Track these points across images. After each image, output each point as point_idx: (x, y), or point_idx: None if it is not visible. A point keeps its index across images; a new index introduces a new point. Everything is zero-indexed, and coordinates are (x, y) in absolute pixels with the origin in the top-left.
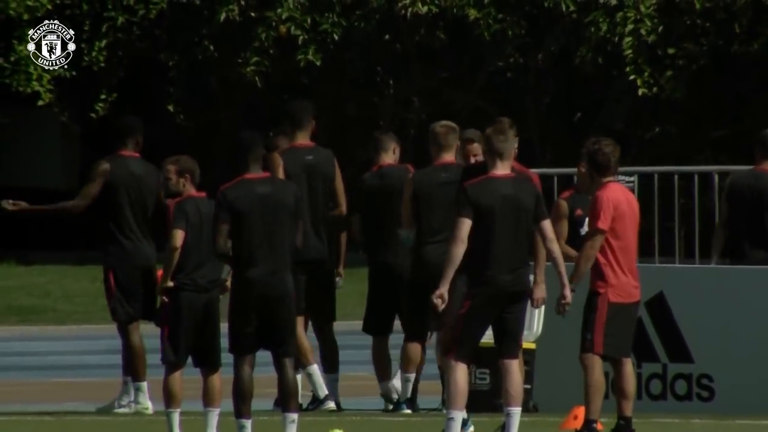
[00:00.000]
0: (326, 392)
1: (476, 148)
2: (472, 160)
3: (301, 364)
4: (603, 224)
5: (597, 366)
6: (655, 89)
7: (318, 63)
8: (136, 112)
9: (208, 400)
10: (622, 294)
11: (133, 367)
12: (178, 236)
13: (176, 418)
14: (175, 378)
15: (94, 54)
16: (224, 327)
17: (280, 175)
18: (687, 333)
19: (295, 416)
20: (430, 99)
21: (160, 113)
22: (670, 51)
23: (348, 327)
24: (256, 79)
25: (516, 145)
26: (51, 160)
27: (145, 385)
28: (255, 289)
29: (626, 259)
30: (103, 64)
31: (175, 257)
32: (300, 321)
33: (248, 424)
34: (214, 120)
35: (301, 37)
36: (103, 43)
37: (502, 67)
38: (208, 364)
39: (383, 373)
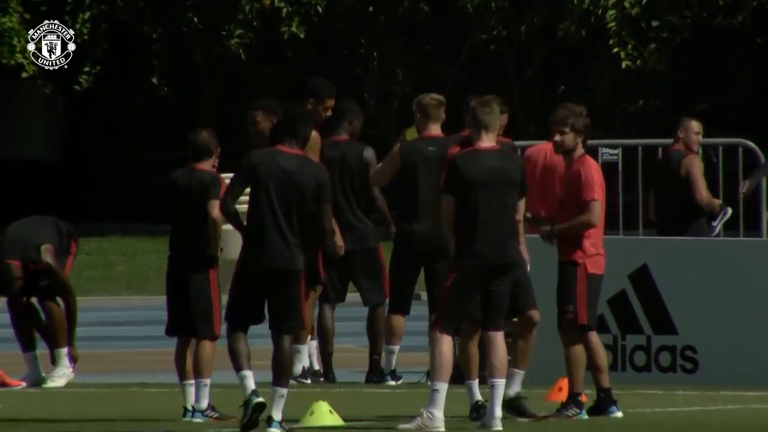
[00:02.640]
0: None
1: (504, 118)
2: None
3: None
4: (599, 194)
5: (578, 339)
6: (638, 62)
7: (302, 35)
8: (119, 85)
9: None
10: (597, 266)
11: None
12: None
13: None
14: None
15: (77, 26)
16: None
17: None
18: (671, 305)
19: (284, 391)
20: (414, 71)
21: (143, 86)
22: (654, 23)
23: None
24: (240, 51)
25: (506, 122)
26: (35, 132)
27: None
28: (262, 263)
29: (600, 232)
30: (87, 37)
31: None
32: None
33: (249, 374)
34: (197, 92)
35: (284, 10)
36: (87, 15)
37: (486, 40)
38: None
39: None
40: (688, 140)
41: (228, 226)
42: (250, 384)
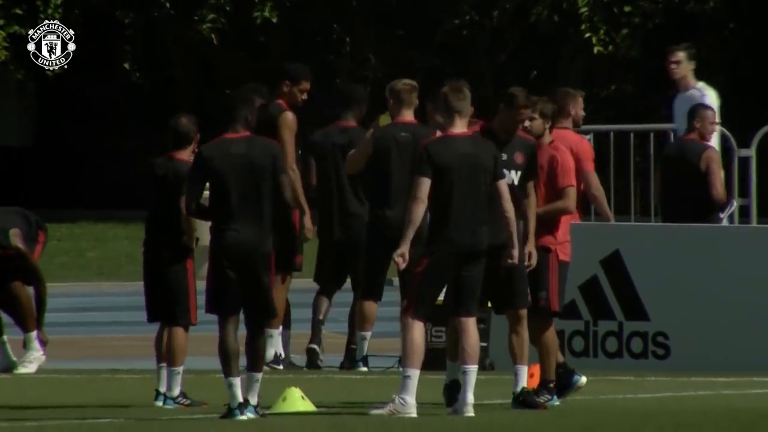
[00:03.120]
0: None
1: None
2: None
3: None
4: (575, 180)
5: (552, 326)
6: (610, 47)
7: (274, 20)
8: (92, 71)
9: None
10: (566, 253)
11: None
12: None
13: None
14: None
15: (50, 11)
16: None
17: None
18: (642, 291)
19: (259, 376)
20: (386, 57)
21: (116, 71)
22: (626, 9)
23: (309, 285)
24: (212, 36)
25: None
26: (7, 117)
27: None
28: (231, 248)
29: (571, 219)
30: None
31: None
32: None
33: (236, 381)
34: (170, 77)
35: None
36: (59, 0)
37: (458, 25)
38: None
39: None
40: (704, 130)
41: None
42: (239, 395)
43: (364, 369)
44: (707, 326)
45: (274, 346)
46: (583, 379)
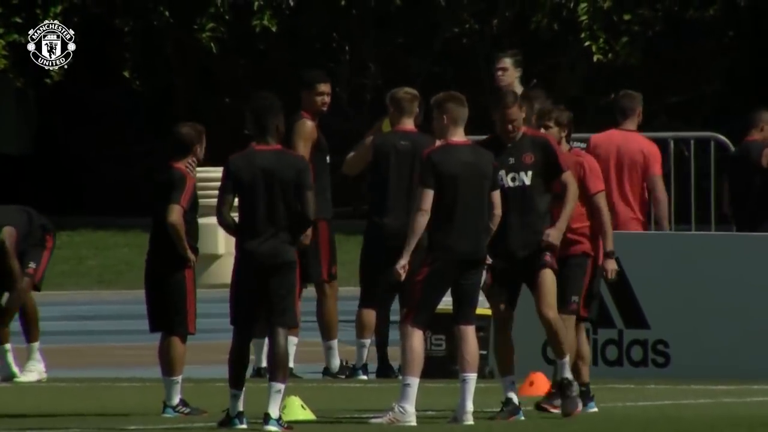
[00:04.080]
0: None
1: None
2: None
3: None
4: (603, 184)
5: (583, 330)
6: (610, 55)
7: (273, 28)
8: (91, 78)
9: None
10: (599, 257)
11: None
12: None
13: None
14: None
15: (49, 19)
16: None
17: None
18: (643, 299)
19: (281, 386)
20: (386, 65)
21: (115, 79)
22: (626, 17)
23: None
24: (212, 44)
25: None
26: (6, 125)
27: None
28: (256, 260)
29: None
30: (58, 22)
31: None
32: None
33: (239, 393)
34: (169, 85)
35: (256, 3)
36: (59, 8)
37: (458, 33)
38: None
39: None
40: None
41: (205, 221)
42: (239, 406)
43: (364, 377)
44: (707, 334)
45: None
46: (595, 409)
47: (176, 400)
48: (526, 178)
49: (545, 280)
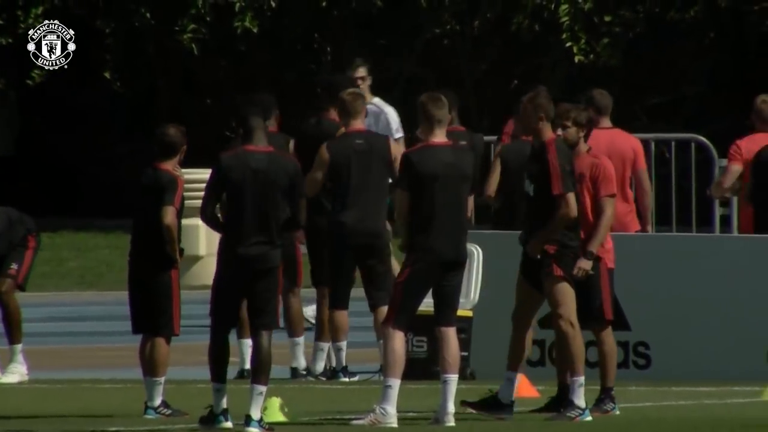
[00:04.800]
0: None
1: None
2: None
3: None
4: (615, 188)
5: (610, 333)
6: (591, 56)
7: (255, 30)
8: (72, 79)
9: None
10: (611, 259)
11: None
12: None
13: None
14: None
15: (30, 21)
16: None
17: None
18: (623, 301)
19: (263, 389)
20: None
21: (97, 80)
22: (607, 18)
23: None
24: (193, 46)
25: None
26: None
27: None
28: (241, 261)
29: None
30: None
31: None
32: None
33: (222, 387)
34: (151, 87)
35: (237, 4)
36: (40, 9)
37: (439, 34)
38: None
39: None
40: None
41: (186, 222)
42: (223, 402)
43: (345, 379)
44: (688, 336)
45: (323, 359)
46: (589, 418)
47: (158, 401)
48: (530, 189)
49: (547, 290)
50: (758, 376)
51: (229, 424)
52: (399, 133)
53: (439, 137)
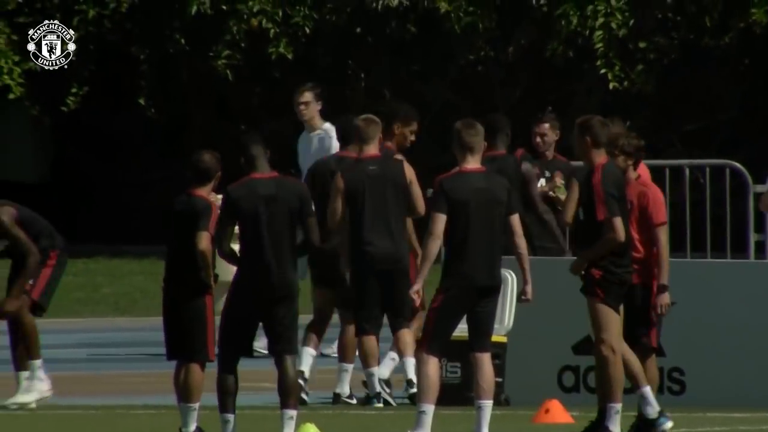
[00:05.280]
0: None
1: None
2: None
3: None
4: (666, 217)
5: (654, 361)
6: (626, 83)
7: (289, 56)
8: (106, 106)
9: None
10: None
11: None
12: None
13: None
14: None
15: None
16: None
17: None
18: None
19: (293, 413)
20: (400, 92)
21: (131, 106)
22: (641, 45)
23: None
24: (228, 72)
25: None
26: (22, 153)
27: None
28: (259, 289)
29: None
30: (74, 58)
31: None
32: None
33: (231, 418)
34: (185, 113)
35: (272, 30)
36: (75, 36)
37: (473, 61)
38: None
39: None
40: None
41: None
42: None
43: (380, 405)
44: (723, 362)
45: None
46: (670, 423)
47: (192, 427)
48: (580, 213)
49: (591, 314)
50: None
51: None
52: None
53: (472, 164)
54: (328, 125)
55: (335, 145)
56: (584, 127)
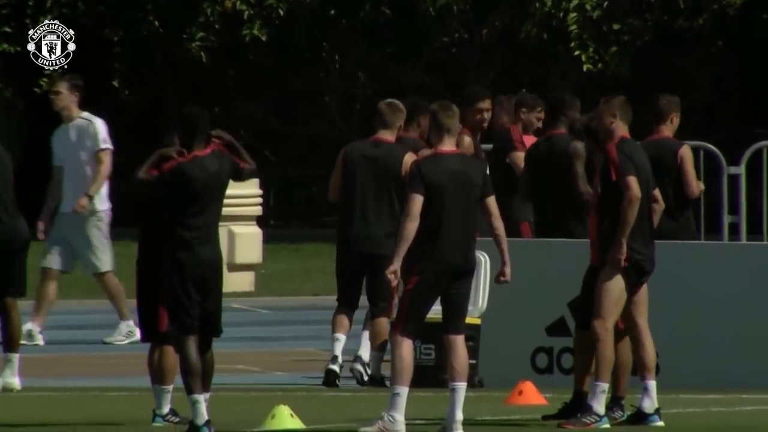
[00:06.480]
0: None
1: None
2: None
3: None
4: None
5: (627, 343)
6: (599, 65)
7: (263, 38)
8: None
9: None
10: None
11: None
12: None
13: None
14: None
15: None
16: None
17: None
18: None
19: (206, 396)
20: (375, 75)
21: (105, 88)
22: (615, 27)
23: (297, 302)
24: (202, 54)
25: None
26: None
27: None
28: (200, 265)
29: None
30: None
31: None
32: None
33: (202, 398)
34: (159, 95)
35: (246, 12)
36: (48, 18)
37: (447, 43)
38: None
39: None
40: None
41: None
42: (204, 413)
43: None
44: (697, 344)
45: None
46: (660, 423)
47: (166, 409)
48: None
49: (599, 287)
50: (767, 384)
51: None
52: (105, 144)
53: (448, 146)
54: (87, 113)
55: (102, 130)
56: (609, 103)
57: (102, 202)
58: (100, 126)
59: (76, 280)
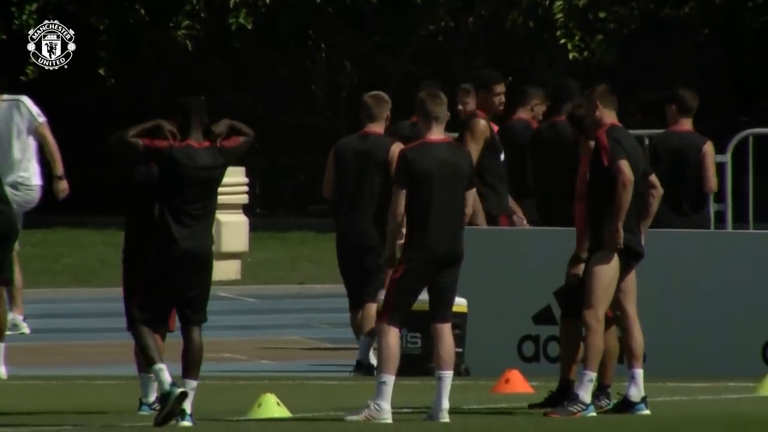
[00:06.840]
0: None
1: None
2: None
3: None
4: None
5: (613, 331)
6: (585, 53)
7: (249, 26)
8: (66, 76)
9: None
10: None
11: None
12: None
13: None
14: None
15: (24, 17)
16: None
17: None
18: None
19: (195, 384)
20: (361, 63)
21: (91, 77)
22: (601, 15)
23: (283, 291)
24: (187, 42)
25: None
26: None
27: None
28: (182, 259)
29: None
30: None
31: None
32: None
33: (164, 366)
34: (145, 84)
35: (232, 1)
36: (34, 6)
37: (434, 32)
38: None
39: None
40: None
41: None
42: (168, 377)
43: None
44: (682, 332)
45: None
46: (647, 412)
47: (152, 397)
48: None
49: (590, 275)
50: (752, 372)
51: (184, 389)
52: (42, 117)
53: (437, 134)
54: (6, 95)
55: (31, 103)
56: (594, 94)
57: (36, 177)
58: (28, 100)
59: (62, 268)
